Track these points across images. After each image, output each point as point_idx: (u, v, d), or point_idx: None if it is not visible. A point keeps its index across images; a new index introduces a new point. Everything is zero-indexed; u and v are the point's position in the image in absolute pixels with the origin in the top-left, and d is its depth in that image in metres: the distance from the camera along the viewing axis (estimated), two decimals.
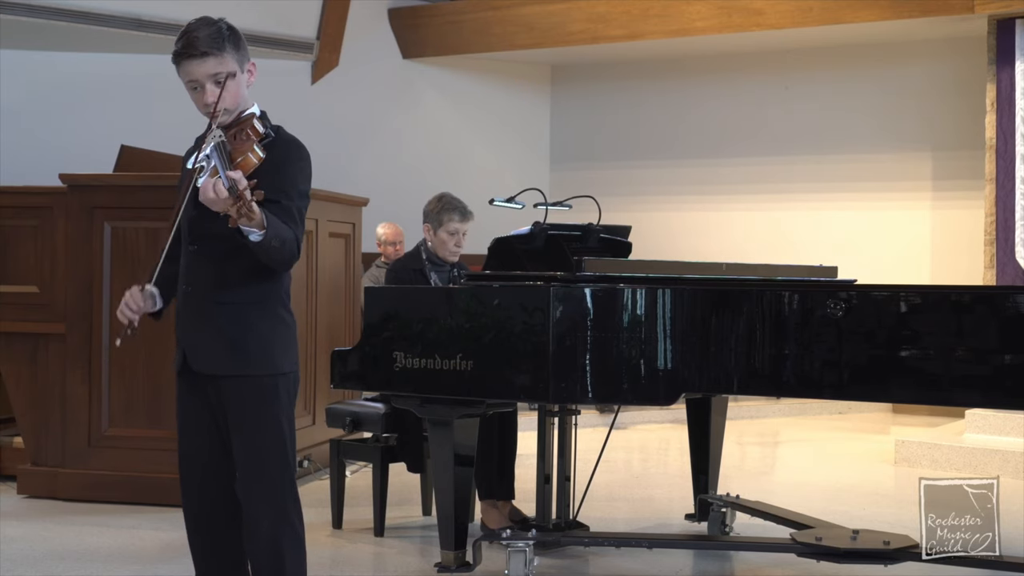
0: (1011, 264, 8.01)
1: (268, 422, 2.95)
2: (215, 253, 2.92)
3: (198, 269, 2.97)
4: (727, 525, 4.89)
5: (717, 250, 9.70)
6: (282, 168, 2.91)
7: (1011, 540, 4.13)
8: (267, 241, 2.76)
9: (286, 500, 2.97)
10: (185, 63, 2.89)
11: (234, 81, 2.90)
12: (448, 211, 4.98)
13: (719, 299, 3.73)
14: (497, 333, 3.81)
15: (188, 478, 3.05)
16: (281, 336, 2.98)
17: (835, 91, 9.98)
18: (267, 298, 2.97)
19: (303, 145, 3.02)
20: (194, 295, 2.98)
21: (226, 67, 2.88)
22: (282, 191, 2.87)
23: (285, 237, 2.82)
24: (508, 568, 3.93)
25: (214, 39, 2.87)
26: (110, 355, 5.48)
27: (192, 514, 3.06)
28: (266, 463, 2.94)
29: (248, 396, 2.93)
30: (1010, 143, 8.05)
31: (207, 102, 2.89)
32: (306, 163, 3.00)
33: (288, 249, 2.85)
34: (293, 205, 2.90)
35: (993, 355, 3.45)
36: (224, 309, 2.93)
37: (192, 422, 3.04)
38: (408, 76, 10.65)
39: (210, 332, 2.95)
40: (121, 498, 5.41)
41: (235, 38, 2.92)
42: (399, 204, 8.93)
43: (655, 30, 9.54)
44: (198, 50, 2.86)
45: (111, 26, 8.61)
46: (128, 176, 5.80)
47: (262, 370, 2.94)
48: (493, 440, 4.87)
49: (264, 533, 2.94)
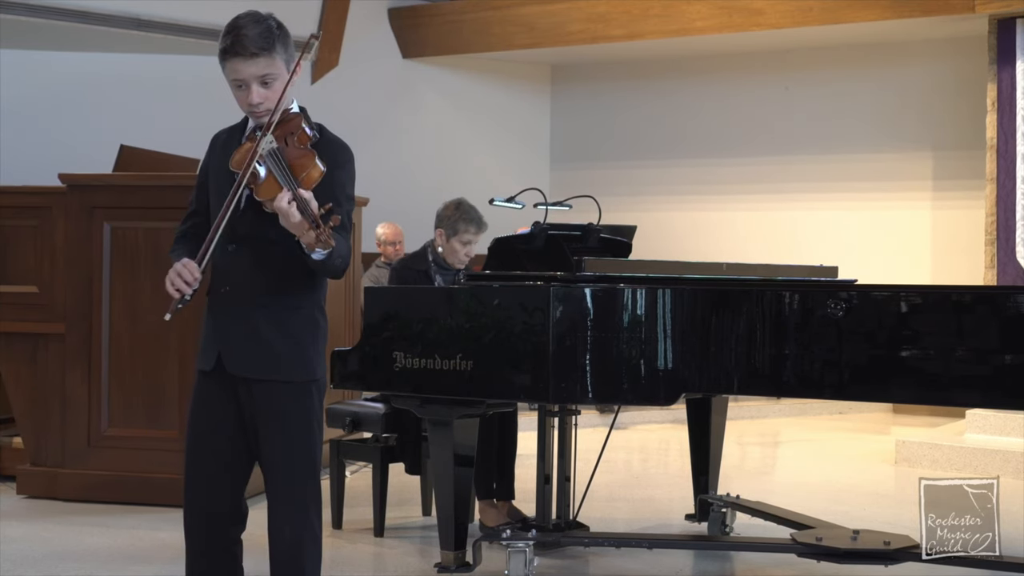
0: (1011, 264, 8.01)
1: (300, 427, 2.91)
2: (258, 256, 2.86)
3: (239, 270, 2.90)
4: (727, 525, 4.88)
5: (717, 250, 9.69)
6: (331, 173, 2.84)
7: (1011, 540, 4.12)
8: (330, 260, 2.74)
9: (310, 506, 2.94)
10: (232, 61, 2.80)
11: (281, 82, 2.82)
12: (465, 221, 4.91)
13: (719, 299, 3.73)
14: (497, 333, 3.80)
15: (199, 475, 2.98)
16: (317, 341, 2.95)
17: (835, 91, 9.98)
18: (307, 303, 2.93)
19: (348, 146, 2.96)
20: (232, 296, 2.91)
21: (275, 68, 2.81)
22: (333, 198, 2.79)
23: (344, 252, 2.78)
24: (508, 568, 3.93)
25: (265, 38, 2.79)
26: (110, 355, 5.47)
27: (196, 511, 3.00)
28: (294, 468, 2.91)
29: (282, 400, 2.89)
30: (1011, 143, 8.05)
31: (253, 102, 2.82)
32: (352, 164, 2.94)
33: (345, 263, 2.81)
34: (343, 211, 2.82)
35: (993, 355, 3.44)
36: (264, 312, 2.88)
37: (215, 422, 2.96)
38: (408, 76, 10.65)
39: (248, 334, 2.89)
40: (121, 498, 5.40)
41: (284, 37, 2.85)
42: (399, 204, 8.94)
43: (655, 30, 9.54)
44: (248, 50, 2.77)
45: (111, 26, 8.61)
46: (128, 176, 5.80)
47: (298, 376, 2.90)
48: (493, 440, 4.86)
49: (287, 537, 2.92)
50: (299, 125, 2.84)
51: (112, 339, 5.47)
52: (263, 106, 2.82)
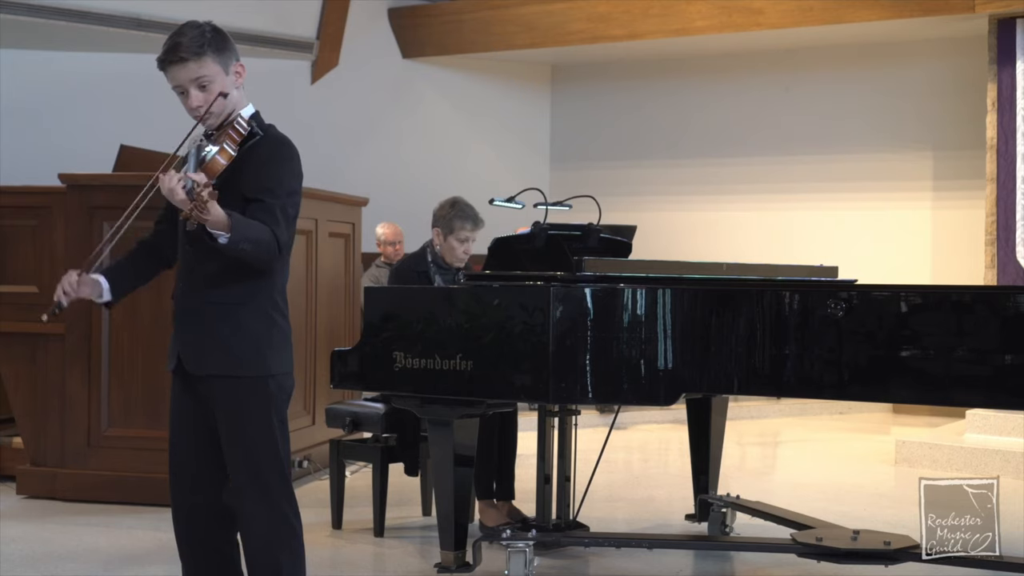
0: (1011, 264, 8.01)
1: (258, 422, 2.94)
2: (203, 254, 2.91)
3: (192, 269, 2.99)
4: (727, 525, 4.88)
5: (717, 250, 9.69)
6: (267, 166, 2.92)
7: (1011, 540, 4.12)
8: (235, 244, 2.77)
9: (280, 499, 2.96)
10: (168, 69, 2.93)
11: (217, 84, 2.91)
12: (461, 219, 4.91)
13: (719, 299, 3.73)
14: (497, 333, 3.80)
15: (180, 476, 3.06)
16: (272, 336, 2.98)
17: (835, 91, 9.98)
18: (257, 298, 2.96)
19: (291, 143, 3.01)
20: (187, 294, 3.01)
21: (207, 71, 2.90)
22: (266, 189, 2.88)
23: (258, 239, 2.82)
24: (508, 568, 3.93)
25: (195, 43, 2.89)
26: (110, 355, 5.48)
27: (182, 513, 3.06)
28: (258, 463, 2.95)
29: (238, 397, 2.94)
30: (1011, 143, 8.05)
31: (192, 106, 2.92)
32: (294, 162, 2.99)
33: (264, 249, 2.84)
34: (277, 204, 2.88)
35: (994, 355, 3.44)
36: (215, 309, 2.94)
37: (185, 421, 3.04)
38: (408, 76, 10.65)
39: (201, 332, 2.97)
40: (120, 498, 5.40)
41: (218, 41, 2.93)
42: (399, 204, 8.95)
43: (655, 30, 9.54)
44: (178, 55, 2.89)
45: (111, 26, 8.61)
46: (128, 176, 5.78)
47: (252, 371, 2.94)
48: (493, 440, 4.86)
49: (258, 532, 2.95)
50: (233, 124, 2.94)
51: (112, 339, 5.48)
52: (203, 108, 2.91)
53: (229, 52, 2.95)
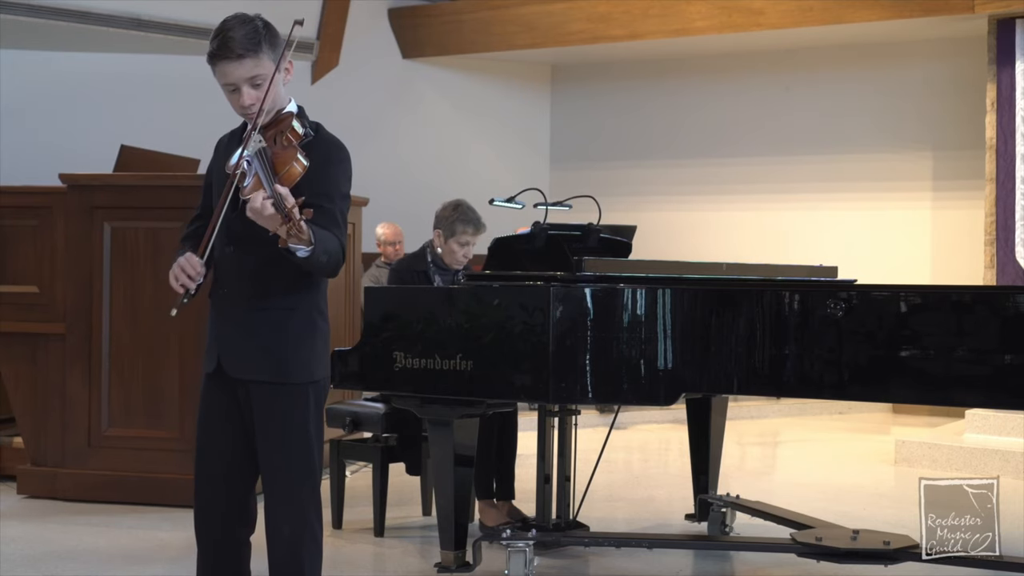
0: (1011, 264, 8.01)
1: (295, 429, 2.91)
2: (254, 257, 2.86)
3: (235, 272, 2.91)
4: (727, 525, 4.88)
5: (717, 250, 9.69)
6: (323, 170, 2.84)
7: (1011, 540, 4.13)
8: (315, 256, 2.72)
9: (308, 506, 2.94)
10: (221, 64, 2.80)
11: (271, 82, 2.81)
12: (463, 222, 4.89)
13: (719, 299, 3.73)
14: (497, 333, 3.80)
15: (208, 476, 2.99)
16: (315, 342, 2.94)
17: (835, 91, 9.98)
18: (304, 304, 2.91)
19: (343, 145, 2.96)
20: (230, 298, 2.92)
21: (263, 69, 2.80)
22: (324, 194, 2.81)
23: (331, 248, 2.77)
24: (508, 568, 3.93)
25: (250, 39, 2.78)
26: (110, 355, 5.47)
27: (204, 511, 3.01)
28: (291, 469, 2.91)
29: (278, 402, 2.89)
30: (1010, 143, 8.05)
31: (244, 104, 2.82)
32: (347, 164, 2.94)
33: (334, 259, 2.80)
34: (335, 208, 2.83)
35: (993, 355, 3.44)
36: (261, 315, 2.88)
37: (220, 422, 2.97)
38: (408, 76, 10.65)
39: (246, 337, 2.89)
40: (121, 498, 5.40)
41: (271, 37, 2.84)
42: (399, 204, 8.94)
43: (655, 30, 9.53)
44: (234, 52, 2.77)
45: (111, 26, 8.61)
46: (128, 176, 5.80)
47: (296, 378, 2.90)
48: (493, 440, 4.87)
49: (285, 537, 2.92)
50: (289, 124, 2.85)
51: (112, 339, 5.47)
52: (255, 107, 2.81)
53: (281, 47, 2.86)
